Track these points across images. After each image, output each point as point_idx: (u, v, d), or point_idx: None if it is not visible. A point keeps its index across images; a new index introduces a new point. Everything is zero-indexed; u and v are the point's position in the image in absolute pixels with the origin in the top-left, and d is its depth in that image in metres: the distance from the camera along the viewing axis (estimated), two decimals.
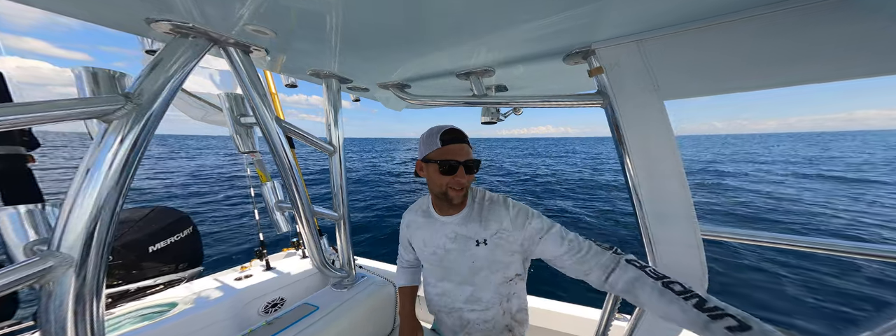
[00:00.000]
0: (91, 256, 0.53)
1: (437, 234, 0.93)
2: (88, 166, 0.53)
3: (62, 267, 0.51)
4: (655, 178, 0.71)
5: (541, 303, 1.65)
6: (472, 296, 0.92)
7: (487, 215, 0.87)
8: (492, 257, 0.86)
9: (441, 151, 0.82)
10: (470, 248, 0.87)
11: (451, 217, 0.91)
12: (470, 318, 0.96)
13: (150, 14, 0.58)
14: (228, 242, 5.78)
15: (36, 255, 0.49)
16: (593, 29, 0.65)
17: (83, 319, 0.54)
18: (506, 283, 0.91)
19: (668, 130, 0.69)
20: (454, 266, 0.92)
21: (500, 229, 0.85)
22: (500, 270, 0.88)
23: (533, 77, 1.05)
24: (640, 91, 0.70)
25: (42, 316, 0.52)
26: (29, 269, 0.47)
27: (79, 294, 0.53)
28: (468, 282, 0.91)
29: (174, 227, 1.99)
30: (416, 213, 1.01)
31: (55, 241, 0.52)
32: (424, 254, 0.99)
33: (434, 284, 1.01)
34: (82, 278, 0.53)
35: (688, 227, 0.69)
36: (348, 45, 0.76)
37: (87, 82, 0.61)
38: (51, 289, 0.51)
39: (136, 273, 1.75)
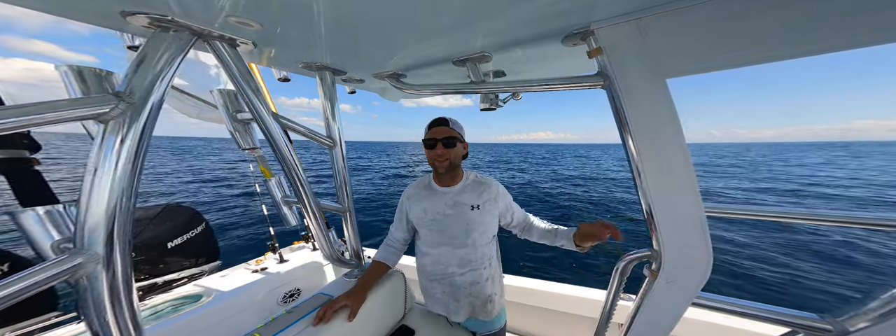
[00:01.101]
0: (115, 251, 0.55)
1: (438, 203, 1.14)
2: (95, 167, 0.54)
3: (91, 263, 0.53)
4: (659, 155, 0.70)
5: (550, 286, 1.69)
6: (464, 258, 1.11)
7: (480, 188, 1.14)
8: (481, 219, 1.10)
9: (428, 134, 1.09)
10: (466, 212, 1.10)
11: (450, 188, 1.15)
12: (460, 283, 1.12)
13: (124, 6, 0.56)
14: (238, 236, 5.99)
15: (64, 253, 0.52)
16: (591, 8, 0.62)
17: (121, 309, 0.57)
18: (487, 245, 1.15)
19: (671, 109, 0.67)
20: (451, 229, 1.11)
21: (489, 198, 1.13)
22: (486, 231, 1.13)
23: (531, 61, 1.01)
24: (641, 70, 0.67)
25: (83, 308, 0.55)
26: (61, 265, 0.50)
27: (112, 286, 0.56)
28: (462, 244, 1.11)
29: (188, 223, 2.06)
30: (418, 187, 1.21)
31: (79, 239, 0.54)
32: (424, 220, 1.15)
33: (429, 253, 1.16)
34: (112, 272, 0.55)
35: (692, 203, 0.68)
36: (339, 34, 0.73)
37: (75, 81, 0.60)
38: (85, 283, 0.54)
39: (161, 267, 1.85)
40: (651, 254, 0.78)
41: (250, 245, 5.50)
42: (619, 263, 0.85)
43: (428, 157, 1.11)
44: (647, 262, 0.81)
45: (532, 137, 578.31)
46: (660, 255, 0.74)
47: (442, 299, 1.17)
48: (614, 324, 0.93)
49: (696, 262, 0.71)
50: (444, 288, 1.15)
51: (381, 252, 1.27)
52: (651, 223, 0.74)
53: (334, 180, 1.28)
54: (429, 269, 1.16)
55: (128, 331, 0.59)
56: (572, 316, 1.62)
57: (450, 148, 1.07)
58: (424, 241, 1.18)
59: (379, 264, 1.25)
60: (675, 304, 0.76)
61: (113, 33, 0.76)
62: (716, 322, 1.30)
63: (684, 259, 0.72)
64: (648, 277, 0.79)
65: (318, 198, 1.15)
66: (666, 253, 0.73)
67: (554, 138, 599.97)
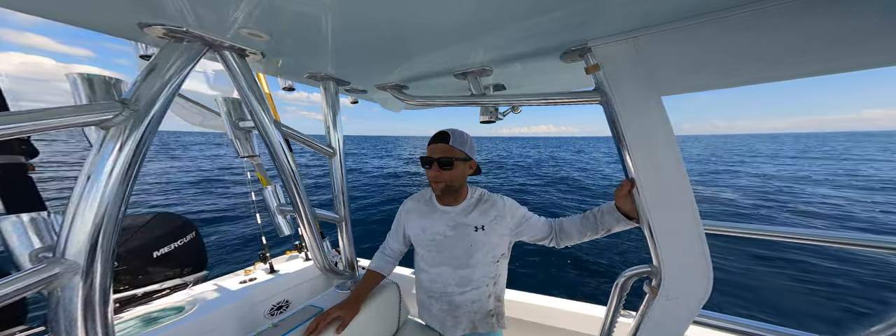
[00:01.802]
0: (97, 262, 0.53)
1: (438, 222, 1.06)
2: (89, 173, 0.53)
3: (69, 273, 0.51)
4: (656, 173, 0.71)
5: (549, 301, 1.66)
6: (464, 278, 1.04)
7: (485, 206, 1.06)
8: (487, 240, 1.03)
9: (427, 150, 1.01)
10: (469, 233, 1.02)
11: (452, 207, 1.07)
12: (459, 301, 1.06)
13: (142, 18, 0.58)
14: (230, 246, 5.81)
15: (42, 263, 0.50)
16: (589, 26, 0.65)
17: (93, 324, 0.54)
18: (494, 264, 1.06)
19: (667, 126, 0.69)
20: (451, 250, 1.04)
21: (497, 216, 1.04)
22: (490, 251, 1.04)
23: (530, 75, 1.04)
24: (637, 87, 0.70)
25: (52, 321, 0.52)
26: (36, 275, 0.48)
27: (87, 299, 0.53)
28: (463, 264, 1.04)
29: (176, 232, 2.00)
30: (418, 202, 1.14)
31: (60, 248, 0.52)
32: (422, 239, 1.09)
33: (427, 270, 1.11)
34: (89, 284, 0.53)
35: (690, 221, 0.69)
36: (344, 46, 0.75)
37: (84, 89, 0.60)
38: (59, 295, 0.51)
39: (142, 278, 1.76)
40: (651, 270, 0.78)
41: (242, 254, 5.32)
42: (618, 279, 0.84)
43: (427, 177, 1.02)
44: (647, 279, 0.80)
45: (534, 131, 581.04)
46: (660, 271, 0.74)
47: (438, 316, 1.12)
48: None
49: (697, 279, 0.71)
50: (442, 305, 1.09)
51: (376, 261, 1.23)
52: (650, 238, 0.74)
53: (332, 189, 1.27)
54: (426, 286, 1.12)
55: None
56: (571, 333, 1.57)
57: (446, 169, 0.96)
58: (422, 259, 1.12)
59: (373, 274, 1.21)
60: (677, 322, 0.75)
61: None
62: None
63: (685, 276, 0.72)
64: (648, 294, 0.78)
65: (314, 207, 1.14)
66: (666, 269, 0.73)
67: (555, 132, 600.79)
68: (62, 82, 0.65)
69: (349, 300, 1.11)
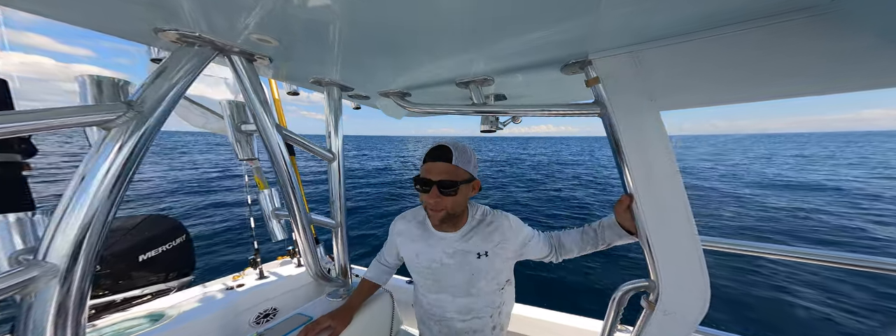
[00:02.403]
0: (78, 266, 0.51)
1: (434, 249, 0.93)
2: (84, 174, 0.52)
3: (46, 277, 0.49)
4: (653, 188, 0.72)
5: (543, 314, 1.62)
6: (465, 306, 0.94)
7: (490, 229, 0.93)
8: (490, 267, 0.92)
9: (422, 169, 0.84)
10: (470, 261, 0.91)
11: (450, 233, 0.93)
12: (459, 328, 0.97)
13: (157, 24, 0.59)
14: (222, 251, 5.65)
15: (21, 265, 0.48)
16: (590, 40, 0.67)
17: (64, 332, 0.52)
18: (498, 291, 0.96)
19: (665, 140, 0.70)
20: (450, 279, 0.94)
21: (502, 240, 0.92)
22: (494, 278, 0.94)
23: (531, 86, 1.07)
24: (635, 101, 0.72)
25: (19, 328, 0.49)
26: (11, 279, 0.46)
27: (61, 305, 0.51)
28: (464, 293, 0.94)
29: (167, 235, 1.95)
30: (410, 223, 1.00)
31: (42, 251, 0.50)
32: (417, 266, 0.98)
33: (425, 295, 1.02)
34: (66, 289, 0.51)
35: (687, 236, 0.69)
36: (350, 54, 0.77)
37: (91, 90, 0.61)
38: (31, 300, 0.49)
39: (123, 283, 1.70)
40: (648, 284, 0.77)
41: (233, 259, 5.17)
42: (616, 293, 0.83)
43: (420, 199, 0.87)
44: (645, 293, 0.79)
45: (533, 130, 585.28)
46: (657, 285, 0.73)
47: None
48: None
49: (695, 295, 0.70)
50: (442, 328, 1.00)
51: (372, 270, 1.19)
52: (648, 252, 0.74)
53: (330, 194, 1.26)
54: (425, 307, 1.03)
55: None
56: None
57: (449, 195, 0.81)
58: (421, 284, 1.02)
59: (368, 283, 1.17)
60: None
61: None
62: None
63: (682, 291, 0.71)
64: (646, 309, 0.77)
65: (310, 212, 1.12)
66: (663, 284, 0.73)
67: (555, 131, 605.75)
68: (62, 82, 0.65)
69: (341, 309, 1.07)
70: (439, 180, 0.80)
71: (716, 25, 0.58)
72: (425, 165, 0.84)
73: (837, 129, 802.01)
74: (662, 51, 0.66)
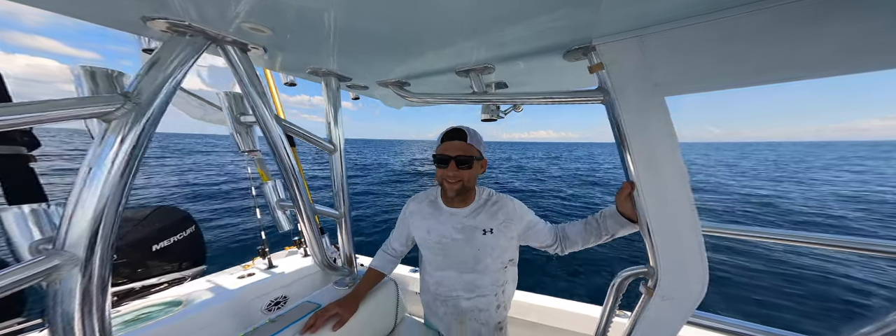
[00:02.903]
0: (96, 255, 0.53)
1: (444, 225, 1.01)
2: (90, 165, 0.53)
3: (68, 265, 0.51)
4: (656, 174, 0.71)
5: (543, 300, 1.66)
6: (470, 283, 1.00)
7: (495, 208, 1.01)
8: (495, 243, 0.98)
9: (440, 148, 0.96)
10: (477, 237, 0.98)
11: (459, 209, 1.02)
12: (465, 307, 1.02)
13: (145, 12, 0.58)
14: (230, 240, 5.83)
15: (42, 254, 0.50)
16: (593, 25, 0.64)
17: (90, 317, 0.54)
18: (502, 270, 1.02)
19: (669, 126, 0.69)
20: (458, 254, 1.00)
21: (506, 219, 0.99)
22: (499, 256, 1.00)
23: (533, 74, 1.04)
24: (640, 87, 0.70)
25: (49, 313, 0.52)
26: (35, 267, 0.48)
27: (85, 292, 0.53)
28: (471, 269, 1.00)
29: (176, 226, 2.01)
30: (422, 203, 1.10)
31: (60, 240, 0.52)
32: (427, 242, 1.05)
33: (432, 273, 1.07)
34: (88, 276, 0.53)
35: (688, 222, 0.69)
36: (346, 42, 0.75)
37: (87, 81, 0.61)
38: (57, 287, 0.51)
39: (140, 271, 1.77)
40: (647, 270, 0.78)
41: (240, 249, 5.34)
42: (614, 280, 0.84)
43: (437, 176, 0.98)
44: (643, 279, 0.80)
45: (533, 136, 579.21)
46: (656, 272, 0.74)
47: (445, 319, 1.08)
48: None
49: (693, 281, 0.71)
50: (448, 309, 1.06)
51: (378, 260, 1.23)
52: (648, 239, 0.74)
53: (332, 185, 1.27)
54: (432, 289, 1.08)
55: None
56: (567, 332, 1.58)
57: (464, 169, 0.93)
58: (428, 261, 1.08)
59: (374, 272, 1.20)
60: (671, 322, 0.75)
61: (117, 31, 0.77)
62: None
63: (680, 277, 0.72)
64: (644, 294, 0.78)
65: (314, 203, 1.14)
66: (662, 270, 0.73)
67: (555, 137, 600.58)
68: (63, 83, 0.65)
69: (348, 298, 1.11)
70: (456, 156, 0.92)
71: (722, 8, 0.55)
72: (443, 144, 0.95)
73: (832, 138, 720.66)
74: (667, 35, 0.63)
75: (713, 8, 0.56)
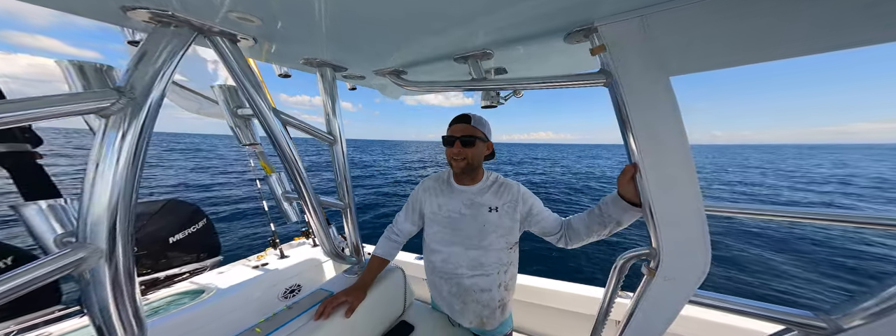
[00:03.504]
0: (118, 246, 0.55)
1: (454, 200, 1.11)
2: (96, 161, 0.54)
3: (94, 257, 0.53)
4: (660, 155, 0.70)
5: (548, 283, 1.71)
6: (475, 260, 1.06)
7: (501, 189, 1.09)
8: (500, 222, 1.05)
9: (448, 131, 1.07)
10: (483, 213, 1.06)
11: (468, 187, 1.11)
12: (468, 285, 1.07)
13: (123, 1, 0.56)
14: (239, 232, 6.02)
15: (67, 247, 0.52)
16: (595, 5, 0.61)
17: (123, 303, 0.58)
18: (506, 250, 1.08)
19: (674, 106, 0.67)
20: (466, 228, 1.07)
21: (510, 200, 1.07)
22: (504, 235, 1.06)
23: (533, 58, 1.00)
24: (644, 68, 0.67)
25: (86, 302, 0.56)
26: (64, 259, 0.50)
27: (115, 281, 0.56)
28: (476, 245, 1.06)
29: (189, 218, 2.07)
30: (436, 181, 1.19)
31: (82, 234, 0.54)
32: (438, 216, 1.13)
33: (439, 250, 1.11)
34: (114, 266, 0.55)
35: (691, 202, 0.68)
36: (339, 30, 0.73)
37: (76, 76, 0.60)
38: (88, 277, 0.54)
39: (162, 262, 1.86)
40: (650, 252, 0.78)
41: (252, 241, 5.54)
42: (617, 261, 0.86)
43: (446, 155, 1.08)
44: (646, 261, 0.81)
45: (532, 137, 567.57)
46: (658, 253, 0.75)
47: (447, 299, 1.14)
48: (612, 321, 0.93)
49: (694, 261, 0.71)
50: (451, 288, 1.11)
51: (381, 247, 1.26)
52: (650, 221, 0.74)
53: (335, 176, 1.28)
54: (437, 267, 1.13)
55: (130, 325, 0.59)
56: (571, 313, 1.63)
57: (468, 147, 1.03)
58: (435, 239, 1.13)
59: (378, 260, 1.24)
60: (673, 301, 0.77)
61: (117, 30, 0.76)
62: (712, 319, 1.32)
63: (682, 257, 0.72)
64: (646, 275, 0.79)
65: (318, 194, 1.16)
66: (664, 251, 0.74)
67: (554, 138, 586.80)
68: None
69: (355, 286, 1.15)
70: (461, 136, 1.03)
71: None
72: (451, 128, 1.06)
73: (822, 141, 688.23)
74: (671, 13, 0.60)
75: None
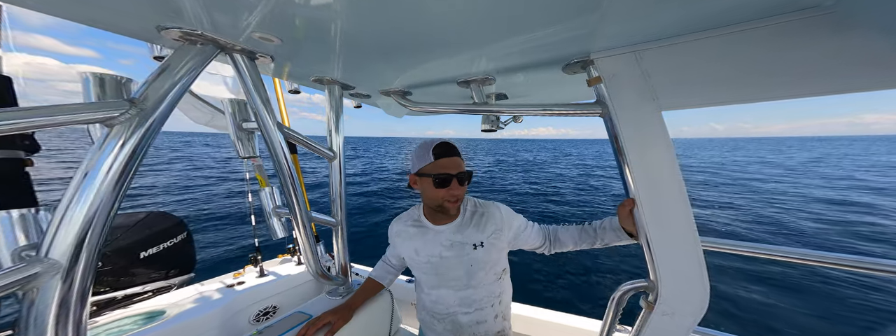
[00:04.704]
0: (80, 263, 0.51)
1: (431, 243, 0.97)
2: (86, 170, 0.52)
3: (48, 273, 0.49)
4: (654, 188, 0.72)
5: (544, 314, 1.62)
6: (467, 298, 0.97)
7: (483, 219, 0.97)
8: (487, 258, 0.95)
9: (434, 165, 0.89)
10: (467, 252, 0.94)
11: (444, 226, 0.98)
12: (463, 322, 0.99)
13: (161, 22, 0.59)
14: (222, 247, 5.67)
15: (23, 261, 0.48)
16: (592, 39, 0.66)
17: (65, 328, 0.51)
18: (497, 281, 1.00)
19: (667, 141, 0.70)
20: (450, 272, 0.96)
21: (495, 229, 0.96)
22: (492, 268, 0.97)
23: (533, 86, 1.06)
24: (638, 101, 0.72)
25: (21, 324, 0.49)
26: (13, 275, 0.46)
27: (63, 301, 0.51)
28: (465, 285, 0.96)
29: (168, 232, 1.96)
30: (405, 224, 1.04)
31: (44, 247, 0.50)
32: (417, 262, 1.01)
33: (428, 292, 1.03)
34: (68, 285, 0.51)
35: (688, 237, 0.69)
36: (352, 52, 0.77)
37: (94, 87, 0.61)
38: (34, 296, 0.49)
39: (124, 280, 1.71)
40: (648, 284, 0.77)
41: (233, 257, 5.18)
42: (615, 293, 0.83)
43: (432, 196, 0.90)
44: (644, 293, 0.79)
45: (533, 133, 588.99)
46: (656, 286, 0.73)
47: (443, 334, 1.05)
48: None
49: (694, 296, 0.70)
50: (446, 325, 1.02)
51: (378, 270, 1.20)
52: (648, 252, 0.74)
53: (330, 192, 1.26)
54: (428, 306, 1.05)
55: None
56: None
57: (464, 185, 0.90)
58: (422, 280, 1.04)
59: (373, 283, 1.18)
60: None
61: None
62: None
63: (681, 292, 0.71)
64: (645, 309, 0.77)
65: (310, 211, 1.12)
66: (662, 284, 0.72)
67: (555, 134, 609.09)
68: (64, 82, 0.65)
69: (343, 306, 1.08)
70: (458, 173, 0.88)
71: (719, 25, 0.57)
72: (441, 161, 0.88)
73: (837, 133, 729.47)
74: (665, 50, 0.66)
75: (711, 24, 0.58)
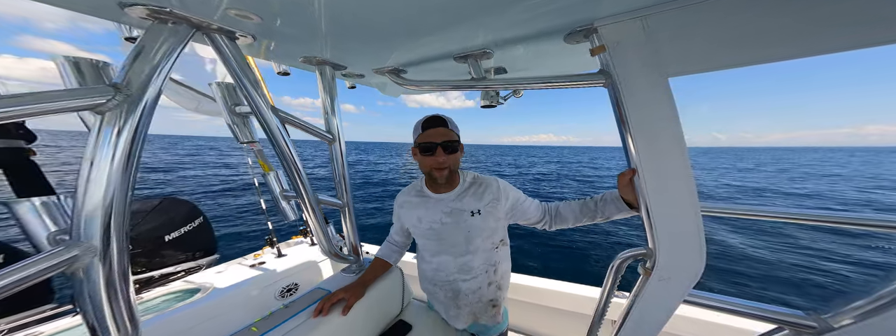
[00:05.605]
0: (112, 244, 0.55)
1: (433, 210, 1.04)
2: (91, 158, 0.53)
3: (88, 255, 0.52)
4: (657, 156, 0.70)
5: (545, 283, 1.71)
6: (465, 265, 1.03)
7: (480, 190, 1.04)
8: (484, 225, 1.01)
9: (422, 136, 0.96)
10: (465, 219, 1.00)
11: (445, 194, 1.04)
12: (461, 288, 1.06)
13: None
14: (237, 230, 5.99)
15: (60, 245, 0.51)
16: (595, 5, 0.61)
17: (117, 303, 0.57)
18: (493, 250, 1.05)
19: (672, 107, 0.67)
20: (450, 237, 1.02)
21: (492, 199, 1.02)
22: (489, 236, 1.03)
23: (533, 58, 1.00)
24: (643, 68, 0.67)
25: (79, 301, 0.55)
26: (57, 257, 0.49)
27: (108, 279, 0.55)
28: (464, 251, 1.02)
29: (186, 217, 2.05)
30: (409, 194, 1.13)
31: (76, 231, 0.53)
32: (420, 229, 1.07)
33: (429, 260, 1.09)
34: (108, 265, 0.55)
35: (688, 203, 0.69)
36: (339, 29, 0.72)
37: (72, 72, 0.59)
38: (81, 276, 0.53)
39: (157, 261, 1.84)
40: (646, 252, 0.79)
41: (249, 239, 5.51)
42: (614, 261, 0.86)
43: (422, 164, 0.99)
44: (642, 261, 0.82)
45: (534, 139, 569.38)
46: (654, 253, 0.75)
47: (444, 302, 1.13)
48: (608, 320, 0.94)
49: (690, 262, 0.72)
50: (447, 293, 1.10)
51: (383, 250, 1.27)
52: (647, 222, 0.75)
53: (333, 175, 1.28)
54: (430, 275, 1.12)
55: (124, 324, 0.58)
56: (567, 313, 1.64)
57: (451, 153, 0.95)
58: (424, 248, 1.12)
59: (380, 261, 1.25)
60: (668, 301, 0.77)
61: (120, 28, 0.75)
62: (706, 319, 1.33)
63: (678, 258, 0.73)
64: (642, 275, 0.80)
65: (316, 193, 1.15)
66: (660, 252, 0.74)
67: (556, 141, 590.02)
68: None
69: (355, 284, 1.16)
70: (442, 142, 0.93)
71: None
72: (426, 132, 0.95)
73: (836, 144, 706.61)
74: (671, 14, 0.60)
75: None
